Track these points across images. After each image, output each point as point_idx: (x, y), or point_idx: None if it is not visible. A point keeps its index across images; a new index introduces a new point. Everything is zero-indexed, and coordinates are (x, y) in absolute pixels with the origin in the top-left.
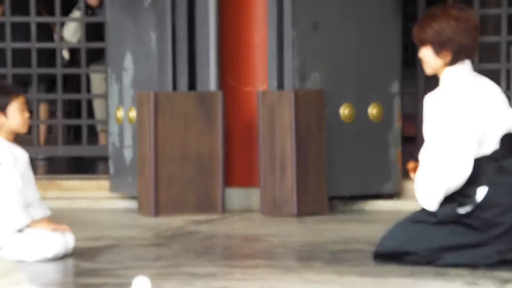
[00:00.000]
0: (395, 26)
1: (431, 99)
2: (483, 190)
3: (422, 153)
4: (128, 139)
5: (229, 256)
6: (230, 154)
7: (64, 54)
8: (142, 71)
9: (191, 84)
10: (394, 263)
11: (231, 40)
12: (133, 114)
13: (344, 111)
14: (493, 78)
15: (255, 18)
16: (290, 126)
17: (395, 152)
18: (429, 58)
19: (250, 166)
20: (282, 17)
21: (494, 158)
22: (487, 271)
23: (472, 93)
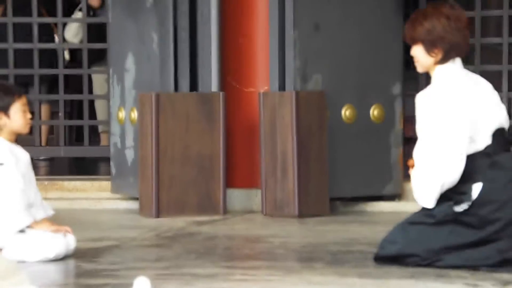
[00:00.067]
0: (397, 27)
1: (423, 97)
2: (478, 187)
3: (416, 151)
4: (129, 140)
5: (230, 257)
6: (231, 155)
7: (64, 54)
8: (143, 72)
9: (193, 85)
10: (395, 265)
11: (233, 41)
12: (134, 115)
13: (345, 112)
14: (494, 79)
15: (257, 19)
16: (292, 127)
17: (397, 153)
18: (420, 57)
19: (252, 167)
20: (284, 18)
21: (487, 154)
22: (488, 273)
23: (462, 89)
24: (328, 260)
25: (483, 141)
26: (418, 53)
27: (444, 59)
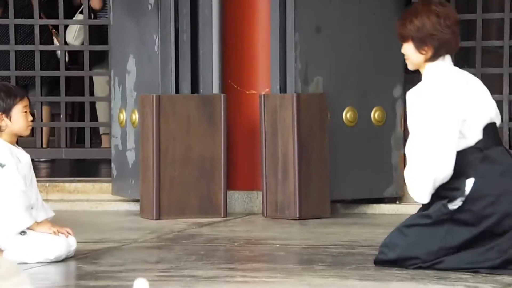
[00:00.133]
0: None
1: (413, 94)
2: (471, 182)
3: (407, 147)
4: (130, 142)
5: (230, 259)
6: (232, 157)
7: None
8: (145, 74)
9: (194, 87)
10: (395, 267)
11: (234, 43)
12: (135, 116)
13: (346, 115)
14: (495, 82)
15: (258, 22)
16: (293, 129)
17: (398, 155)
18: (410, 54)
19: (253, 169)
20: (285, 20)
21: (478, 149)
22: (489, 275)
23: (452, 86)
24: (328, 262)
25: (474, 136)
26: (409, 50)
27: (434, 57)
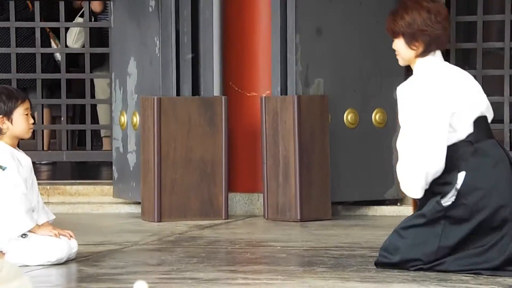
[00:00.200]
0: None
1: (403, 89)
2: (462, 175)
3: (398, 142)
4: (131, 144)
5: (232, 261)
6: (233, 159)
7: (60, 59)
8: (146, 76)
9: (195, 89)
10: (397, 269)
11: (235, 45)
12: (136, 119)
13: (347, 117)
14: (496, 84)
15: (259, 24)
16: (294, 131)
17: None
18: (401, 50)
19: (253, 171)
20: (286, 22)
21: (469, 142)
22: (490, 277)
23: (442, 80)
24: (330, 264)
25: (465, 129)
26: (399, 46)
27: (424, 52)
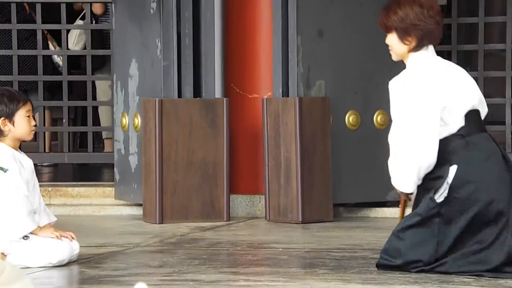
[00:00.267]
0: None
1: (395, 83)
2: (454, 169)
3: (390, 136)
4: (133, 146)
5: (233, 263)
6: (235, 160)
7: (58, 62)
8: (147, 78)
9: (196, 91)
10: (399, 271)
11: (236, 47)
12: (138, 121)
13: (349, 118)
14: (498, 86)
15: (260, 25)
16: (295, 133)
17: None
18: (394, 44)
19: (255, 173)
20: (287, 24)
21: (460, 136)
22: (492, 279)
23: (433, 74)
24: (331, 266)
25: (456, 123)
26: (392, 41)
27: (417, 47)
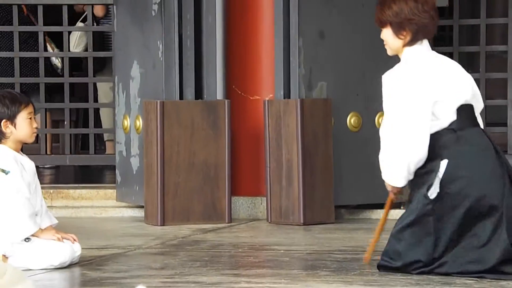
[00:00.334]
0: None
1: (388, 77)
2: (445, 164)
3: (381, 129)
4: (135, 148)
5: (235, 264)
6: (236, 162)
7: (56, 63)
8: (149, 80)
9: (198, 92)
10: (400, 273)
11: (238, 48)
12: (139, 123)
13: (350, 120)
14: (500, 87)
15: (262, 27)
16: (297, 134)
17: None
18: (389, 39)
19: (257, 175)
20: (289, 26)
21: (452, 130)
22: (494, 280)
23: (425, 68)
24: (333, 267)
25: (448, 117)
26: (387, 36)
27: (412, 41)
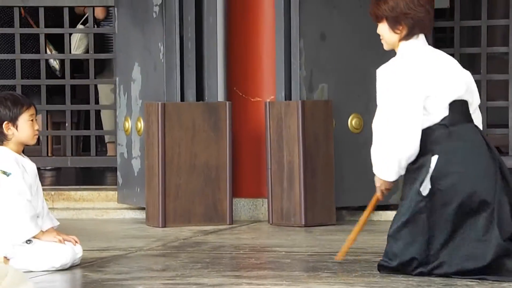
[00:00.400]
0: None
1: (382, 71)
2: (435, 159)
3: (374, 123)
4: (136, 150)
5: (236, 266)
6: (237, 164)
7: (54, 65)
8: (150, 82)
9: (199, 94)
10: (401, 274)
11: (239, 50)
12: (141, 124)
13: (351, 122)
14: (501, 89)
15: (263, 29)
16: (298, 136)
17: None
18: (385, 34)
19: (258, 176)
20: (290, 27)
21: (443, 125)
22: (496, 282)
23: (417, 62)
24: (334, 269)
25: (439, 113)
26: (383, 30)
27: (408, 35)
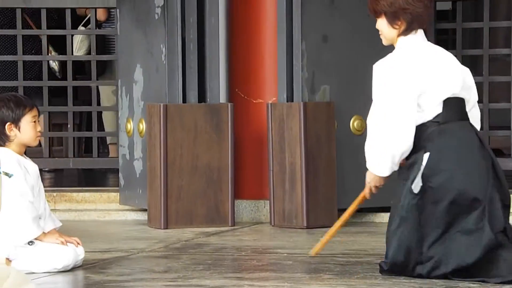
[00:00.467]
0: None
1: (378, 66)
2: (427, 156)
3: (369, 118)
4: (138, 151)
5: (238, 268)
6: (239, 166)
7: (54, 66)
8: (152, 83)
9: (201, 96)
10: (403, 276)
11: (241, 52)
12: (143, 126)
13: (353, 123)
14: (503, 90)
15: (265, 30)
16: (300, 138)
17: None
18: (384, 29)
19: (260, 178)
20: (292, 29)
21: (436, 122)
22: (497, 284)
23: (412, 58)
24: (336, 271)
25: (433, 110)
26: (382, 25)
27: (406, 31)
